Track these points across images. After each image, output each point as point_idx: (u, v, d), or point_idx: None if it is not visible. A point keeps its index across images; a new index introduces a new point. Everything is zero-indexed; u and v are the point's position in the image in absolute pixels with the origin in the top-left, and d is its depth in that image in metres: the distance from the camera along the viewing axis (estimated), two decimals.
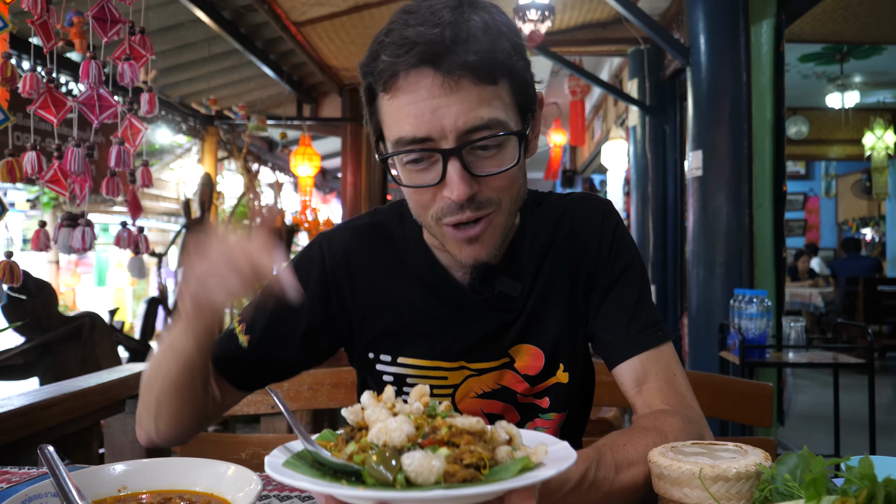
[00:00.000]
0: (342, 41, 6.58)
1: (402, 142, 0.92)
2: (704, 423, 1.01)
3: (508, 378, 1.10)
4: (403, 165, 0.95)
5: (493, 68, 0.90)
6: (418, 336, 1.10)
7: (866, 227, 13.57)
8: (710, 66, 3.92)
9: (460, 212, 0.94)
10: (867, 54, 7.53)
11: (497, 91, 0.91)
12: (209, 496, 0.78)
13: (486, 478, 0.61)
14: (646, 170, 6.56)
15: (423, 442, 0.63)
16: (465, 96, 0.89)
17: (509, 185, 0.96)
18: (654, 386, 1.03)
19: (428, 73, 0.88)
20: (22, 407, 1.47)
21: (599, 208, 1.14)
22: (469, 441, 0.63)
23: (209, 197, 6.01)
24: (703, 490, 0.74)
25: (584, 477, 0.81)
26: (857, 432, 4.33)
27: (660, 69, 6.37)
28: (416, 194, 0.96)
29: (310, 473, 0.64)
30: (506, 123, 0.92)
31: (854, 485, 0.66)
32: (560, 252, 1.11)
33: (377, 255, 1.13)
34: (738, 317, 3.41)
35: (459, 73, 0.88)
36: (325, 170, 12.08)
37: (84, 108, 1.67)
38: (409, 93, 0.90)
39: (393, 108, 0.92)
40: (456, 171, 0.90)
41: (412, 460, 0.59)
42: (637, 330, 1.06)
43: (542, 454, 0.65)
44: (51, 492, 0.74)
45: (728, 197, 3.85)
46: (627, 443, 0.89)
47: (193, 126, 7.36)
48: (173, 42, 5.93)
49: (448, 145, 0.90)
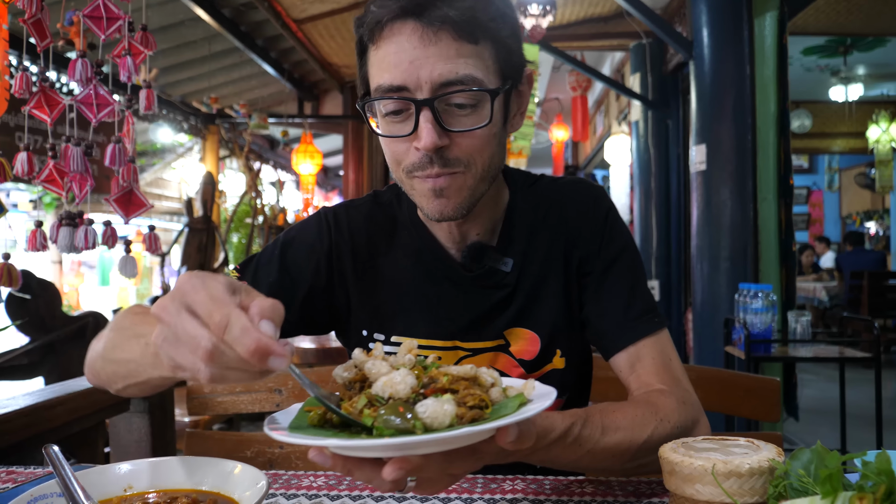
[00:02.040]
0: (343, 38, 6.57)
1: (380, 89, 0.94)
2: (700, 409, 1.02)
3: (503, 362, 1.10)
4: (383, 116, 0.97)
5: (474, 27, 0.92)
6: (412, 314, 1.10)
7: (870, 220, 13.53)
8: (713, 60, 3.90)
9: (429, 165, 0.95)
10: (871, 46, 7.50)
11: (477, 51, 0.93)
12: (216, 495, 0.78)
13: (489, 416, 0.66)
14: (649, 165, 6.54)
15: (426, 391, 0.68)
16: (444, 50, 0.91)
17: (480, 148, 0.97)
18: (650, 369, 1.04)
19: (409, 24, 0.91)
20: (27, 407, 1.47)
21: (591, 193, 1.15)
22: (467, 386, 0.69)
23: (211, 196, 6.01)
24: (715, 486, 0.73)
25: (569, 431, 0.83)
26: (862, 427, 4.32)
27: (662, 63, 6.35)
28: (391, 144, 0.98)
29: (317, 433, 0.67)
30: (482, 82, 0.93)
31: (870, 480, 0.65)
32: (553, 235, 1.12)
33: (377, 233, 1.14)
34: (743, 311, 3.40)
35: (440, 25, 0.90)
36: (326, 168, 12.07)
37: (82, 107, 1.66)
38: (392, 42, 0.92)
39: (377, 58, 0.95)
40: (426, 120, 0.92)
41: (426, 408, 0.63)
42: (633, 317, 1.06)
43: (531, 389, 0.72)
44: (56, 492, 0.74)
45: (732, 191, 3.83)
46: (617, 410, 0.92)
47: (195, 125, 7.35)
48: (174, 41, 5.92)
49: (422, 96, 0.92)
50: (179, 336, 0.61)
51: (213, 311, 0.60)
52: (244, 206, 8.03)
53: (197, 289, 0.62)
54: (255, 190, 7.47)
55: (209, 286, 0.62)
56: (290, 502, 0.90)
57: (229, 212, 7.97)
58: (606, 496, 0.90)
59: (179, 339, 0.61)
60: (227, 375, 0.61)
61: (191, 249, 5.73)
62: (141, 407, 1.92)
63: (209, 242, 5.82)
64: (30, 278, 2.95)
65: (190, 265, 5.68)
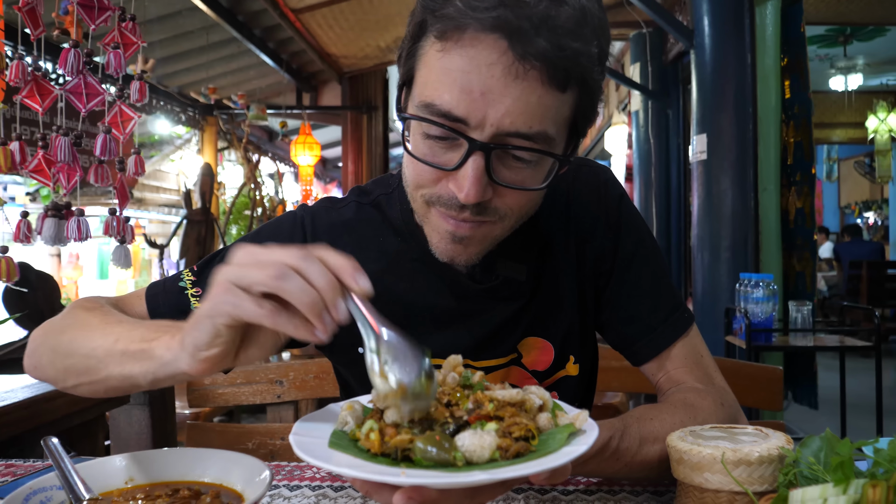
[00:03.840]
0: (341, 28, 6.52)
1: (432, 109, 0.77)
2: (738, 408, 0.98)
3: (515, 375, 1.01)
4: (424, 138, 0.81)
5: (570, 72, 0.76)
6: (415, 330, 0.96)
7: (869, 210, 13.52)
8: (714, 49, 3.87)
9: (460, 210, 0.82)
10: (870, 36, 7.48)
11: (561, 100, 0.78)
12: (218, 487, 0.77)
13: (536, 448, 0.63)
14: (649, 155, 6.52)
15: (469, 418, 0.64)
16: (526, 92, 0.74)
17: (524, 204, 0.85)
18: (681, 368, 0.99)
19: (500, 47, 0.73)
20: (26, 399, 1.45)
21: (599, 178, 1.04)
22: (513, 413, 0.65)
23: (210, 188, 5.98)
24: (724, 475, 0.72)
25: (607, 445, 0.79)
26: (861, 415, 4.33)
27: (662, 53, 6.31)
28: (421, 169, 0.82)
29: (355, 454, 0.63)
30: (552, 142, 0.79)
31: (882, 467, 0.64)
32: (563, 229, 1.01)
33: (365, 239, 1.00)
34: (744, 301, 3.39)
35: (534, 62, 0.73)
36: (325, 159, 12.04)
37: (71, 96, 1.64)
38: (466, 57, 0.74)
39: (440, 64, 0.76)
40: (475, 168, 0.77)
41: (464, 441, 0.60)
42: (661, 320, 1.00)
43: (583, 420, 0.67)
44: (56, 484, 0.73)
45: (733, 180, 3.82)
46: (655, 417, 0.86)
47: (192, 116, 7.31)
48: (171, 31, 5.88)
49: (480, 137, 0.76)
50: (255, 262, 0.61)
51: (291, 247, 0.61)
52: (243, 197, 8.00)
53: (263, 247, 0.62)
54: (253, 181, 7.45)
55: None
56: (293, 493, 0.89)
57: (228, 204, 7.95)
58: (612, 485, 0.89)
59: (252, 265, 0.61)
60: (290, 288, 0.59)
61: (189, 241, 5.71)
62: (141, 399, 1.91)
63: (208, 234, 5.80)
64: (28, 271, 2.93)
65: (189, 257, 5.67)
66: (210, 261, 1.00)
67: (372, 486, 0.61)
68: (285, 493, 0.89)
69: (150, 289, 0.99)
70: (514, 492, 0.87)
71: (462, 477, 0.58)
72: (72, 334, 0.80)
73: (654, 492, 0.87)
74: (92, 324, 0.79)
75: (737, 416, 0.96)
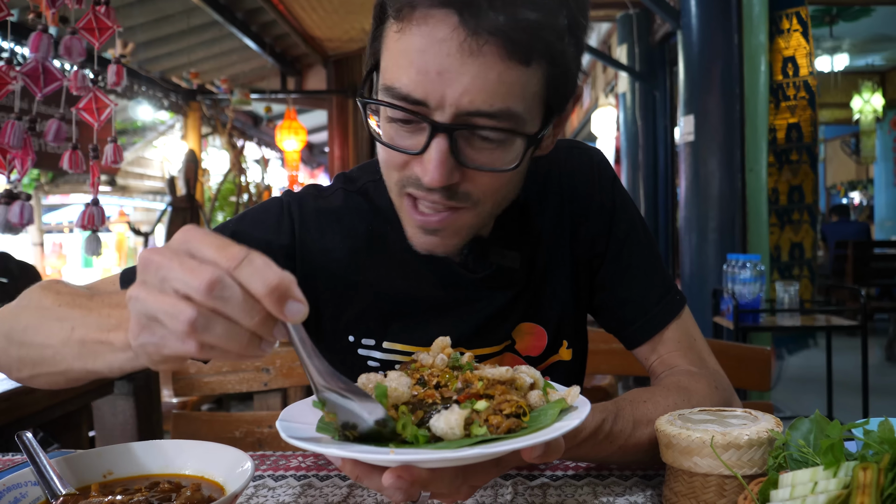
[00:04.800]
0: (325, 10, 6.43)
1: (391, 92, 0.75)
2: (731, 390, 0.97)
3: (509, 362, 1.00)
4: (388, 121, 0.79)
5: (531, 45, 0.71)
6: (407, 319, 0.96)
7: (854, 190, 13.62)
8: (701, 30, 3.86)
9: (428, 193, 0.78)
10: (856, 16, 7.48)
11: (526, 75, 0.73)
12: (199, 479, 0.75)
13: (527, 425, 0.63)
14: (636, 137, 6.51)
15: (459, 397, 0.64)
16: (484, 69, 0.71)
17: (497, 188, 0.81)
18: (674, 350, 0.99)
19: (450, 22, 0.70)
20: (5, 392, 1.43)
21: (591, 161, 1.02)
22: (503, 391, 0.65)
23: (194, 174, 5.92)
24: (713, 458, 0.71)
25: (600, 428, 0.79)
26: (846, 393, 4.38)
27: (649, 34, 6.28)
28: (389, 154, 0.80)
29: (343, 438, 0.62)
30: (520, 119, 0.75)
31: (872, 449, 0.63)
32: (556, 214, 1.00)
33: (354, 225, 0.97)
34: (732, 282, 3.41)
35: (488, 37, 0.69)
36: (311, 144, 11.93)
37: (27, 80, 1.59)
38: (421, 35, 0.71)
39: (398, 46, 0.74)
40: (439, 151, 0.74)
41: (434, 424, 0.60)
42: (654, 302, 0.99)
43: (574, 396, 0.67)
44: (31, 480, 0.71)
45: (720, 162, 3.82)
46: (648, 400, 0.86)
47: (175, 101, 7.21)
48: (151, 14, 5.77)
49: (442, 119, 0.73)
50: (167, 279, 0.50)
51: (227, 247, 0.51)
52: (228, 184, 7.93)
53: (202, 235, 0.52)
54: (238, 167, 7.38)
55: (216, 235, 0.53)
56: (278, 484, 0.87)
57: (213, 190, 7.88)
58: (602, 469, 0.89)
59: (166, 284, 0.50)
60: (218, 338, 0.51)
61: (174, 229, 5.65)
62: (126, 389, 1.89)
63: (193, 222, 5.75)
64: (9, 261, 2.88)
65: None
66: None
67: (362, 470, 0.60)
68: (270, 484, 0.87)
69: (125, 273, 0.95)
70: (503, 478, 0.86)
71: (451, 453, 0.57)
72: (26, 320, 0.73)
73: (643, 475, 0.86)
74: (45, 306, 0.72)
75: (730, 399, 0.95)
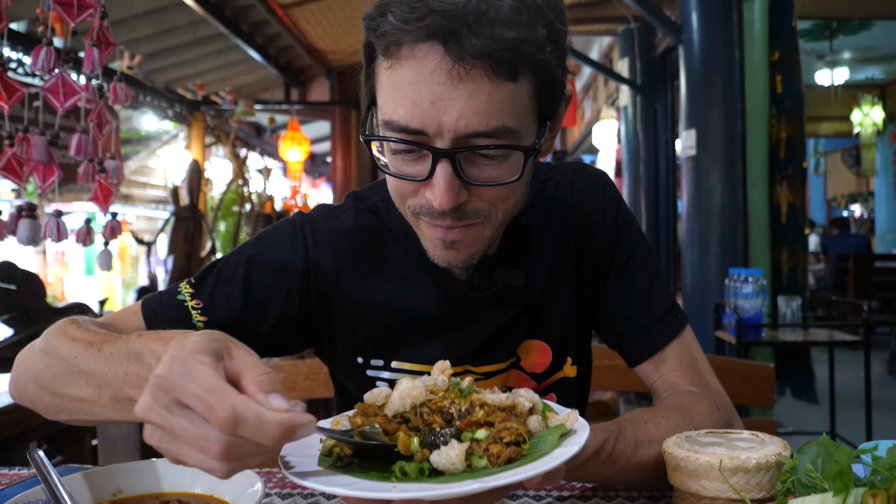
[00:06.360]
0: (329, 23, 6.48)
1: (391, 126, 0.78)
2: (733, 410, 0.98)
3: (514, 378, 1.02)
4: (392, 153, 0.83)
5: (515, 62, 0.75)
6: (415, 339, 0.99)
7: (855, 203, 13.64)
8: (702, 44, 3.88)
9: (441, 217, 0.82)
10: (856, 30, 7.52)
11: (515, 90, 0.77)
12: (209, 499, 0.75)
13: (527, 452, 0.64)
14: (637, 150, 6.53)
15: (460, 425, 0.65)
16: (475, 91, 0.74)
17: (504, 199, 0.84)
18: (676, 370, 1.00)
19: (437, 53, 0.74)
20: (10, 405, 1.43)
21: (597, 182, 1.05)
22: (504, 418, 0.66)
23: (197, 184, 5.93)
24: (721, 482, 0.72)
25: (602, 448, 0.79)
26: (849, 408, 4.36)
27: (650, 48, 6.32)
28: (398, 183, 0.84)
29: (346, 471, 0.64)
30: (516, 133, 0.78)
31: (881, 475, 0.64)
32: (561, 233, 1.02)
33: (365, 246, 1.00)
34: (734, 296, 3.41)
35: (473, 61, 0.73)
36: (314, 154, 11.97)
37: (49, 95, 1.60)
38: (411, 69, 0.75)
39: (391, 81, 0.78)
40: (444, 175, 0.77)
41: (435, 460, 0.61)
42: (656, 320, 1.01)
43: (574, 420, 0.68)
44: (42, 498, 0.71)
45: (722, 176, 3.84)
46: (650, 420, 0.87)
47: (180, 112, 7.24)
48: (158, 26, 5.81)
49: (442, 145, 0.76)
50: (179, 436, 0.54)
51: (214, 405, 0.52)
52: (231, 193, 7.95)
53: (183, 380, 0.53)
54: (241, 177, 7.40)
55: (195, 373, 0.53)
56: (285, 502, 0.87)
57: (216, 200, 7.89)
58: (608, 490, 0.89)
59: (180, 438, 0.54)
60: (247, 463, 0.55)
61: (177, 238, 5.67)
62: None
63: (196, 231, 5.76)
64: (13, 269, 2.89)
65: (176, 254, 5.62)
66: (207, 272, 0.99)
67: None
68: (277, 502, 0.87)
69: (146, 304, 0.96)
70: (510, 499, 0.87)
71: (453, 487, 0.58)
72: (52, 370, 0.75)
73: (649, 497, 0.87)
74: (63, 356, 0.74)
75: (732, 420, 0.95)
